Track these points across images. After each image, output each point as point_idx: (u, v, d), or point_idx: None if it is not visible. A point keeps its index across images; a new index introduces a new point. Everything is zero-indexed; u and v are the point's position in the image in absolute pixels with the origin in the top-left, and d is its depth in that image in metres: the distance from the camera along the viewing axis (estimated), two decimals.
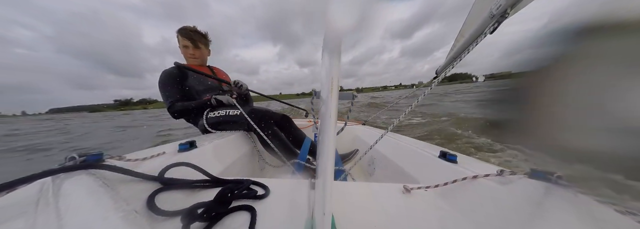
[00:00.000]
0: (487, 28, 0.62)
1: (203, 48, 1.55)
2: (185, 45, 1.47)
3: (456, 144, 3.18)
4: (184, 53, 1.52)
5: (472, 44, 0.67)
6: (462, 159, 0.73)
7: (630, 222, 0.33)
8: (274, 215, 0.47)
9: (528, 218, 0.39)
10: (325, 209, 0.25)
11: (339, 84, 0.23)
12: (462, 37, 0.84)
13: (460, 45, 0.82)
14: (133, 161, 0.61)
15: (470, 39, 0.73)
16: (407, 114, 0.74)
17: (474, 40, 0.67)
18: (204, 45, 1.55)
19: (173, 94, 1.37)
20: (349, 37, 0.21)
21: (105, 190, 0.43)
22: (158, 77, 1.42)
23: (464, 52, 0.70)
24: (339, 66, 0.23)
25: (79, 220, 0.34)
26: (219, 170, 0.90)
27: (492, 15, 0.60)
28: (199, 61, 1.56)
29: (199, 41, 1.50)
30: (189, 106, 1.34)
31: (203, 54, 1.56)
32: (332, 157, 0.25)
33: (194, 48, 1.50)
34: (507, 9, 0.56)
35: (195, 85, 1.45)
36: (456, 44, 0.94)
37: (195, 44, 1.49)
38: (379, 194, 0.58)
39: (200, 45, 1.51)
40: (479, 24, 0.65)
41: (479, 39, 0.64)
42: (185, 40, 1.46)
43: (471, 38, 0.72)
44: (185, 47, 1.48)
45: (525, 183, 0.47)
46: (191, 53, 1.50)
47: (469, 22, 0.86)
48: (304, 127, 1.79)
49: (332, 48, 0.23)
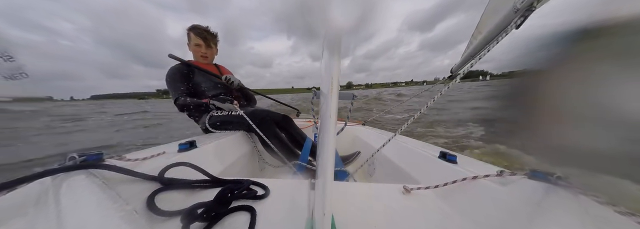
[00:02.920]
0: (511, 23, 0.56)
1: (213, 48, 1.59)
2: (198, 44, 1.50)
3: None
4: (195, 51, 1.54)
5: (493, 42, 0.60)
6: (462, 160, 0.73)
7: (630, 222, 0.33)
8: (273, 215, 0.47)
9: (528, 218, 0.39)
10: (325, 210, 0.25)
11: (339, 84, 0.23)
12: (480, 34, 0.79)
13: (479, 43, 0.75)
14: (133, 161, 0.61)
15: (490, 36, 0.67)
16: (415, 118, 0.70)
17: (494, 37, 0.61)
18: (214, 45, 1.60)
19: (178, 89, 1.40)
20: (350, 35, 0.21)
21: (105, 190, 0.43)
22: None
23: (483, 49, 0.63)
24: (339, 66, 0.23)
25: (78, 220, 0.34)
26: (219, 170, 0.90)
27: (516, 9, 0.54)
28: (208, 60, 1.60)
29: (211, 41, 1.54)
30: (192, 103, 1.37)
31: (213, 53, 1.61)
32: (332, 158, 0.25)
33: (206, 47, 1.53)
34: (533, 1, 0.51)
35: (202, 82, 1.47)
36: (473, 40, 0.89)
37: (207, 44, 1.52)
38: (379, 195, 0.58)
39: (211, 44, 1.55)
40: (500, 19, 0.60)
41: (501, 35, 0.58)
42: (199, 39, 1.49)
43: (491, 35, 0.66)
44: (198, 46, 1.51)
45: (525, 183, 0.47)
46: (203, 52, 1.53)
47: (487, 18, 0.80)
48: (304, 127, 1.79)
49: (332, 48, 0.23)
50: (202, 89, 1.46)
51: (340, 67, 0.24)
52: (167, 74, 1.43)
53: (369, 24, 0.18)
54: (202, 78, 1.48)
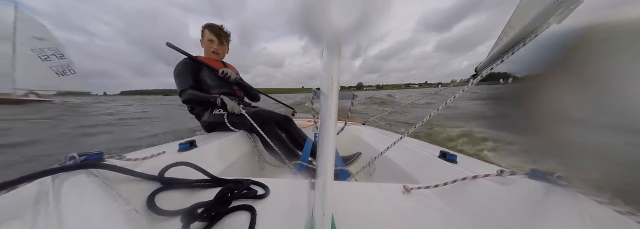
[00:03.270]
0: (551, 17, 0.49)
1: (225, 45, 1.62)
2: (211, 39, 1.53)
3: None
4: (207, 47, 1.56)
5: (530, 36, 0.53)
6: (462, 159, 0.73)
7: (629, 222, 0.33)
8: (273, 215, 0.47)
9: (528, 218, 0.39)
10: (325, 209, 0.25)
11: (339, 84, 0.23)
12: (512, 29, 0.72)
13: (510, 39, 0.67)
14: (133, 161, 0.61)
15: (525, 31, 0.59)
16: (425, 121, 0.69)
17: (531, 32, 0.54)
18: (227, 42, 1.63)
19: (185, 81, 1.41)
20: (355, 35, 0.21)
21: (105, 190, 0.43)
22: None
23: (516, 45, 0.57)
24: (339, 66, 0.23)
25: (79, 219, 0.34)
26: (219, 170, 0.90)
27: (558, 1, 0.47)
28: (219, 57, 1.63)
29: (224, 38, 1.57)
30: (197, 96, 1.38)
31: (224, 50, 1.64)
32: (332, 157, 0.25)
33: (219, 44, 1.56)
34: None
35: (207, 78, 1.48)
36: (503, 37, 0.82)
37: (220, 41, 1.55)
38: (379, 194, 0.58)
39: (224, 42, 1.58)
40: (539, 12, 0.52)
41: (539, 30, 0.51)
42: (212, 35, 1.52)
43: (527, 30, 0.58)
44: (210, 41, 1.54)
45: (525, 183, 0.47)
46: (215, 48, 1.56)
47: (522, 11, 0.73)
48: (304, 127, 1.79)
49: (332, 48, 0.23)
50: (207, 86, 1.48)
51: (340, 67, 0.24)
52: (176, 67, 1.46)
53: (370, 24, 0.18)
54: (208, 74, 1.50)
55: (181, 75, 1.43)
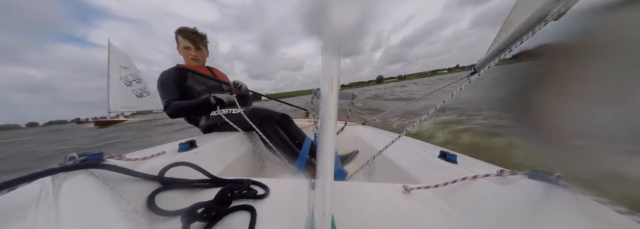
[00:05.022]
0: (549, 13, 0.48)
1: (203, 49, 1.54)
2: (187, 46, 1.45)
3: None
4: (185, 55, 1.50)
5: (528, 34, 0.52)
6: (462, 159, 0.73)
7: (630, 222, 0.33)
8: (274, 215, 0.47)
9: (528, 218, 0.39)
10: (325, 209, 0.25)
11: (339, 84, 0.23)
12: (510, 26, 0.71)
13: (509, 36, 0.66)
14: (133, 161, 0.61)
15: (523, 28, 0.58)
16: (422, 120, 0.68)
17: (529, 29, 0.53)
18: (204, 46, 1.54)
19: (170, 94, 1.34)
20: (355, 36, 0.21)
21: (105, 190, 0.43)
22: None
23: (514, 43, 0.55)
24: (339, 66, 0.23)
25: (79, 220, 0.34)
26: (219, 170, 0.90)
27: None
28: (200, 63, 1.55)
29: (200, 43, 1.48)
30: (188, 104, 1.33)
31: (203, 55, 1.56)
32: (332, 157, 0.25)
33: (196, 50, 1.48)
34: None
35: (195, 85, 1.44)
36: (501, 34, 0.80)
37: (196, 46, 1.47)
38: (379, 194, 0.58)
39: (201, 46, 1.50)
40: (537, 8, 0.52)
41: (537, 27, 0.50)
42: (187, 42, 1.44)
43: (524, 27, 0.57)
44: (187, 49, 1.46)
45: (525, 183, 0.47)
46: (193, 55, 1.49)
47: (521, 7, 0.71)
48: (304, 127, 1.79)
49: (332, 48, 0.23)
50: (194, 94, 1.42)
51: (340, 67, 0.24)
52: (158, 79, 1.37)
53: (370, 25, 0.18)
54: (196, 81, 1.44)
55: (164, 87, 1.34)
